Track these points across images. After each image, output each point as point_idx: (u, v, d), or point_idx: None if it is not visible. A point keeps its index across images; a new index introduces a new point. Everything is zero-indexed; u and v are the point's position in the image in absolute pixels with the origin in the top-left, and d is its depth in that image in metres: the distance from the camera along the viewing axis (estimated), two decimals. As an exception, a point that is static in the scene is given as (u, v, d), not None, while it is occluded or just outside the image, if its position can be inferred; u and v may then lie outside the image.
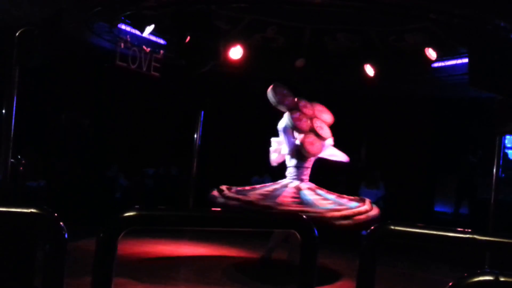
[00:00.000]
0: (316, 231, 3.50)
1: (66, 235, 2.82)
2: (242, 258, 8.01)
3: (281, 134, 7.39)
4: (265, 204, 6.47)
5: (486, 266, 7.97)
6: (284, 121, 7.33)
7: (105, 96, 12.16)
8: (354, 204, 6.91)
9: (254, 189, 7.26)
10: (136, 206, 3.10)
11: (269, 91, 7.43)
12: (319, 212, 6.35)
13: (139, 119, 12.41)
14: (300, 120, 7.30)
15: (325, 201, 6.82)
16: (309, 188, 7.09)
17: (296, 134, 7.38)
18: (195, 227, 3.49)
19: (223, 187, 7.14)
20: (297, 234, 3.49)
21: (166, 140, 12.95)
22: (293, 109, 7.42)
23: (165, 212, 3.24)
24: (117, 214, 2.98)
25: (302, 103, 7.57)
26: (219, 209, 6.09)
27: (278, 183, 7.30)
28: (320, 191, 7.10)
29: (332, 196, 7.05)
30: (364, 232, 3.46)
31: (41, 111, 10.62)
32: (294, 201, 6.69)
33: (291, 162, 7.31)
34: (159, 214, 3.15)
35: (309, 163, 7.35)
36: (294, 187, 7.07)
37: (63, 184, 10.68)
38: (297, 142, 7.29)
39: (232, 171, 12.81)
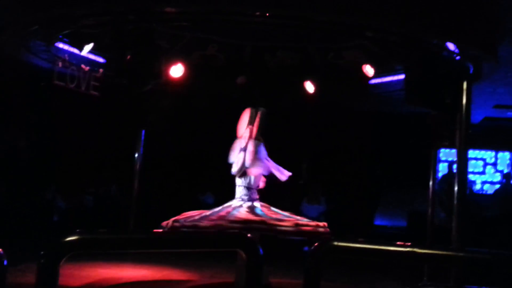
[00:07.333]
0: (261, 250, 3.52)
1: (5, 262, 2.74)
2: (185, 280, 7.91)
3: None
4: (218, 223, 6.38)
5: (425, 278, 8.18)
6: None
7: (42, 115, 11.85)
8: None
9: (205, 215, 6.98)
10: (77, 230, 3.03)
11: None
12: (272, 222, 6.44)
13: (78, 139, 12.15)
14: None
15: (277, 215, 6.84)
16: (263, 206, 7.04)
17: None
18: (139, 250, 3.45)
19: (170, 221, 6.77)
20: (242, 253, 3.51)
21: (107, 160, 12.73)
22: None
23: (108, 235, 3.18)
24: (58, 238, 2.90)
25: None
26: (161, 230, 5.93)
27: (229, 206, 7.14)
28: (274, 209, 7.05)
29: (286, 213, 7.01)
30: (306, 248, 3.49)
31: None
32: (248, 213, 6.66)
33: (240, 182, 7.23)
34: (102, 238, 3.09)
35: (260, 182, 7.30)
36: (248, 206, 6.96)
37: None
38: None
39: (174, 190, 12.71)
